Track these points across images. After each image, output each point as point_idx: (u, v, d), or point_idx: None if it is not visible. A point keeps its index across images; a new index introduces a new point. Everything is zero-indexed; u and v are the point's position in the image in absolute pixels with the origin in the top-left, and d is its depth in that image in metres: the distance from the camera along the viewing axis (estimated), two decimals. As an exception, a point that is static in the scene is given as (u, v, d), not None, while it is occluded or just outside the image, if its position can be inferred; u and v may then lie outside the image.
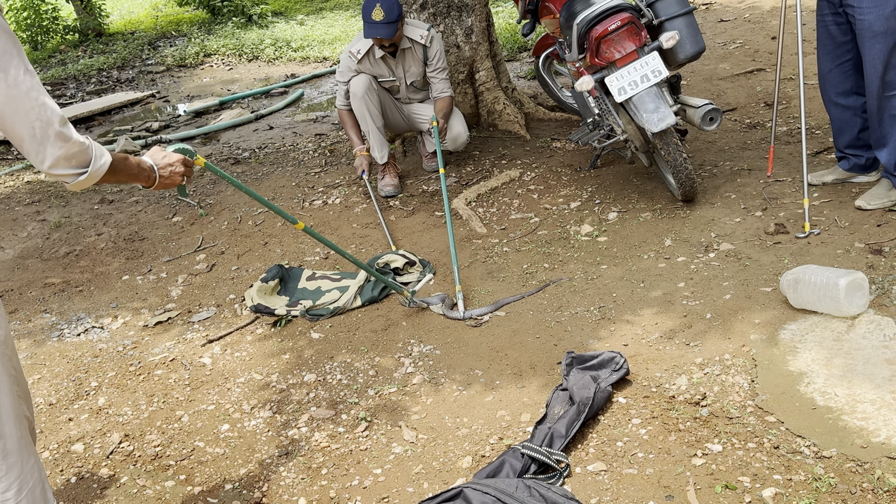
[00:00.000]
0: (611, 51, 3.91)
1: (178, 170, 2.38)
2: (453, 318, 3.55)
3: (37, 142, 1.87)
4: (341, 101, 5.05)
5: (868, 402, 2.56)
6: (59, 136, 1.90)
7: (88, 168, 1.99)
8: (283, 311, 3.78)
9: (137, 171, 2.24)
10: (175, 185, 2.41)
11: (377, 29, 4.59)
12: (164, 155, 2.37)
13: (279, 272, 4.02)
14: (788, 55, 6.34)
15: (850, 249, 3.48)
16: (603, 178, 4.75)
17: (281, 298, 3.91)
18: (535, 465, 2.49)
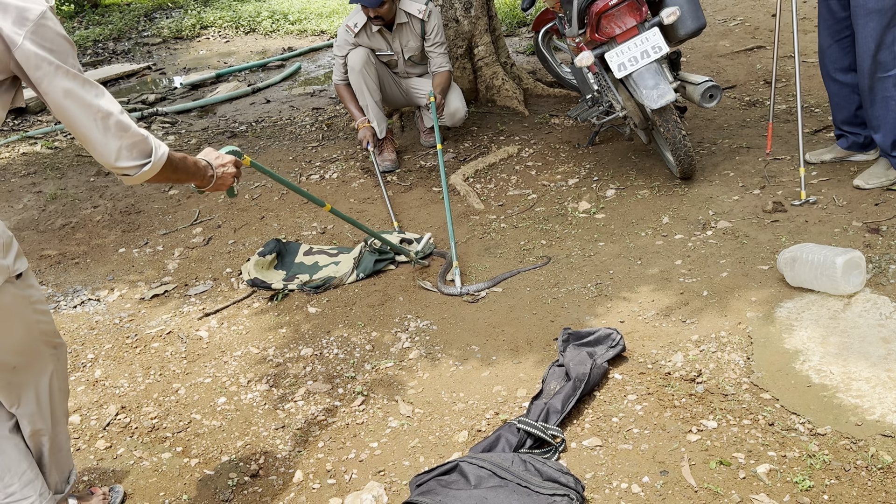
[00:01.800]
0: (611, 26, 3.89)
1: (230, 170, 2.39)
2: (449, 293, 3.55)
3: (101, 134, 1.90)
4: (339, 76, 5.02)
5: (863, 380, 2.57)
6: (118, 125, 1.92)
7: (151, 158, 2.00)
8: (279, 286, 3.78)
9: (195, 170, 2.25)
10: (228, 187, 2.42)
11: None
12: (216, 155, 2.39)
13: (276, 246, 4.02)
14: (788, 33, 6.31)
15: (848, 228, 3.48)
16: (601, 154, 4.74)
17: (278, 273, 3.91)
18: (530, 439, 2.50)
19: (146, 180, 2.04)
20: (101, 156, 1.94)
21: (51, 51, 1.82)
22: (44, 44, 1.80)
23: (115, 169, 1.98)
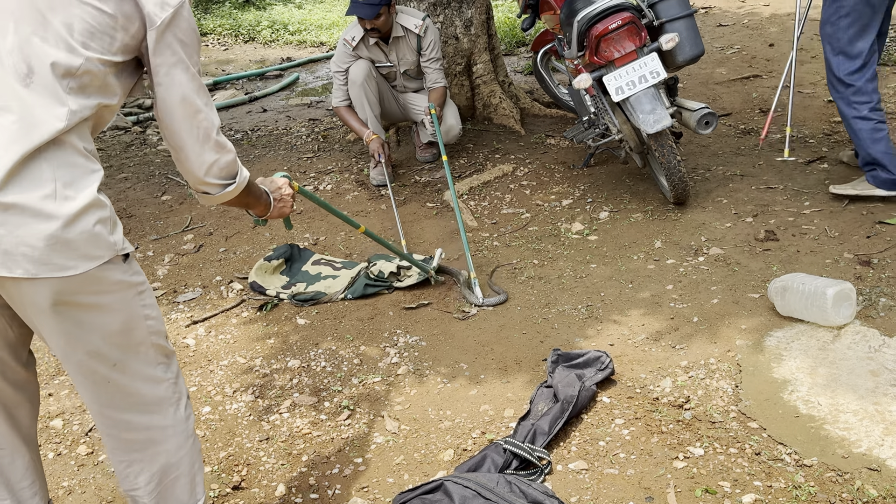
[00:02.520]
0: (610, 50, 3.90)
1: (287, 192, 2.32)
2: (472, 302, 3.56)
3: (198, 145, 1.84)
4: (339, 99, 4.96)
5: (851, 413, 2.57)
6: (217, 143, 1.87)
7: (236, 179, 1.95)
8: (273, 293, 3.77)
9: (259, 194, 2.18)
10: (287, 213, 2.34)
11: (358, 7, 4.58)
12: (271, 180, 2.31)
13: (287, 252, 4.02)
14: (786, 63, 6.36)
15: (839, 259, 3.49)
16: (596, 176, 4.75)
17: (280, 279, 3.91)
18: (516, 460, 2.48)
19: (219, 203, 1.98)
20: (190, 166, 1.87)
21: (181, 42, 1.78)
22: (176, 33, 1.76)
23: (200, 184, 1.90)
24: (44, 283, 1.67)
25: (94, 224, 1.71)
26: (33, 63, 1.65)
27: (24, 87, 1.64)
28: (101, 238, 1.73)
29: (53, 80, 1.66)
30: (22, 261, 1.63)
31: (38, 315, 1.73)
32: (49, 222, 1.64)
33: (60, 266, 1.66)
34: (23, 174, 1.62)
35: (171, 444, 1.97)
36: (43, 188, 1.64)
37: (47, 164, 1.65)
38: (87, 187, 1.71)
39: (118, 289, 1.79)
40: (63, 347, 1.78)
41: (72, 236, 1.66)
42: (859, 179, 3.95)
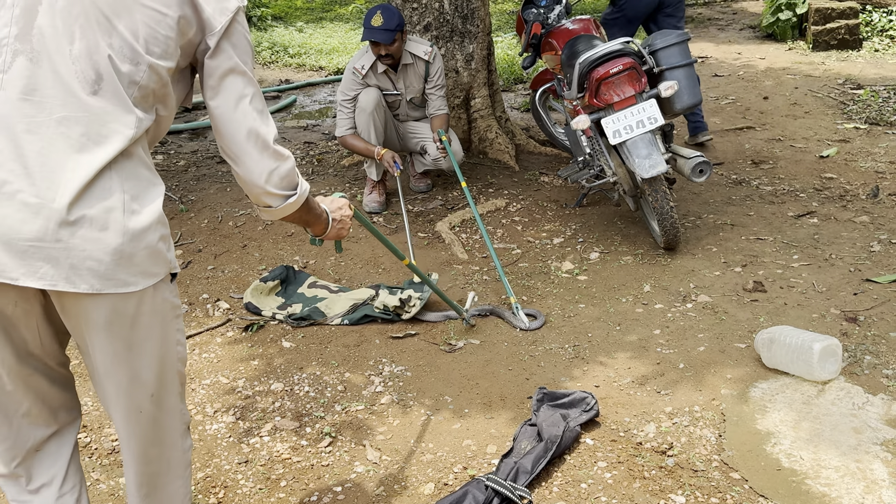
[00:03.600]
0: (610, 93, 3.95)
1: (347, 213, 2.24)
2: (518, 327, 3.59)
3: (257, 152, 1.79)
4: (345, 127, 4.92)
5: (832, 469, 2.58)
6: (275, 152, 1.82)
7: (297, 191, 1.89)
8: (268, 314, 3.77)
9: (319, 212, 2.12)
10: (343, 236, 2.26)
11: (374, 33, 4.60)
12: (331, 199, 2.24)
13: (283, 273, 4.01)
14: (779, 116, 6.45)
15: (826, 315, 3.51)
16: (588, 217, 4.77)
17: (275, 300, 3.89)
18: (497, 498, 2.47)
19: (281, 218, 1.92)
20: (250, 176, 1.82)
21: (236, 48, 1.76)
22: (231, 39, 1.75)
23: (263, 195, 1.85)
24: (104, 298, 1.64)
25: (158, 240, 1.69)
26: (101, 69, 1.61)
27: (91, 95, 1.61)
28: (161, 255, 1.71)
29: (121, 87, 1.63)
30: (87, 276, 1.60)
31: (91, 332, 1.70)
32: (116, 236, 1.61)
33: (123, 282, 1.64)
34: (93, 186, 1.60)
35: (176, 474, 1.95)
36: (111, 201, 1.61)
37: (117, 175, 1.63)
38: (153, 202, 1.69)
39: (164, 309, 1.77)
40: (108, 368, 1.75)
41: (136, 251, 1.64)
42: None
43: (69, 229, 1.57)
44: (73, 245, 1.58)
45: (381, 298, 3.75)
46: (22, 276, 1.58)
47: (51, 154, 1.58)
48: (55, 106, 1.59)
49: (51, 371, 1.86)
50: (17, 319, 1.71)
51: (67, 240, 1.57)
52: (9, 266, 1.57)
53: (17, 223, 1.56)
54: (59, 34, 1.60)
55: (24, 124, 1.58)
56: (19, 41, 1.60)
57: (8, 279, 1.58)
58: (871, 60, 8.14)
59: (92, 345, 1.72)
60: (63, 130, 1.59)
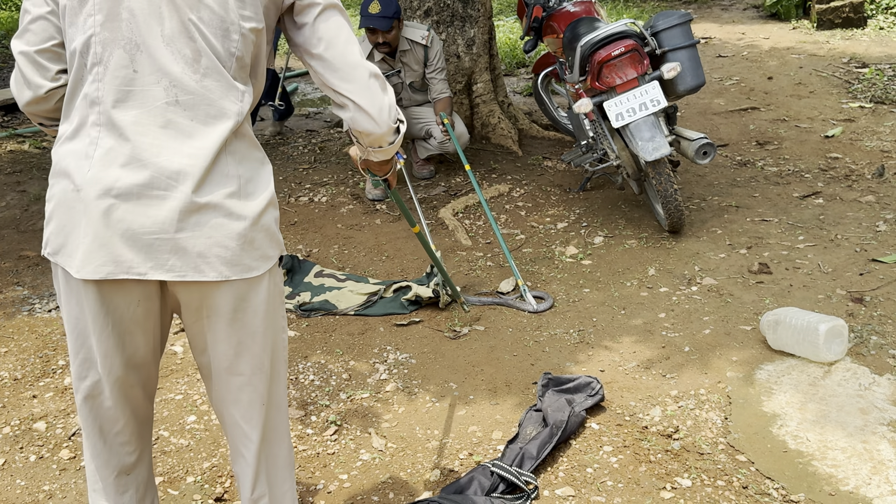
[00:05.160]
0: (612, 76, 3.92)
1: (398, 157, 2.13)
2: (526, 310, 3.58)
3: (380, 89, 1.71)
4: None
5: (839, 450, 2.57)
6: (387, 85, 1.75)
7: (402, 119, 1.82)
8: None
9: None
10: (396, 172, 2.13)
11: (372, 20, 4.59)
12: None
13: (288, 263, 4.00)
14: (784, 97, 6.41)
15: (832, 296, 3.49)
16: (591, 201, 4.75)
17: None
18: (503, 484, 2.47)
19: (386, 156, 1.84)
20: (379, 114, 1.71)
21: None
22: None
23: (387, 132, 1.75)
24: (230, 286, 1.62)
25: (273, 222, 1.68)
26: (198, 46, 1.56)
27: (193, 75, 1.56)
28: (276, 236, 1.70)
29: (219, 62, 1.58)
30: (216, 262, 1.59)
31: (216, 323, 1.67)
32: (240, 221, 1.59)
33: (248, 267, 1.63)
34: (213, 172, 1.57)
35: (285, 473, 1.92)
36: (229, 185, 1.59)
37: (232, 158, 1.60)
38: (267, 184, 1.67)
39: (275, 292, 1.75)
40: (232, 361, 1.72)
41: (257, 235, 1.63)
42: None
43: (194, 217, 1.55)
44: (200, 233, 1.56)
45: (414, 290, 3.70)
46: (150, 269, 1.56)
47: (164, 144, 1.55)
48: (159, 93, 1.55)
49: (149, 382, 1.83)
50: (137, 322, 1.67)
51: (193, 228, 1.55)
52: (135, 261, 1.55)
53: (139, 217, 1.54)
54: (148, 16, 1.55)
55: (132, 117, 1.55)
56: (107, 30, 1.55)
57: (136, 275, 1.56)
58: (875, 38, 8.07)
59: (215, 338, 1.70)
60: (171, 118, 1.55)
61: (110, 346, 1.67)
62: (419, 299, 3.66)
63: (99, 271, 1.56)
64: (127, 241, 1.54)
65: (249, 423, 1.80)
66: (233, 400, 1.78)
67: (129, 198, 1.53)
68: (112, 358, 1.69)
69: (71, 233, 1.58)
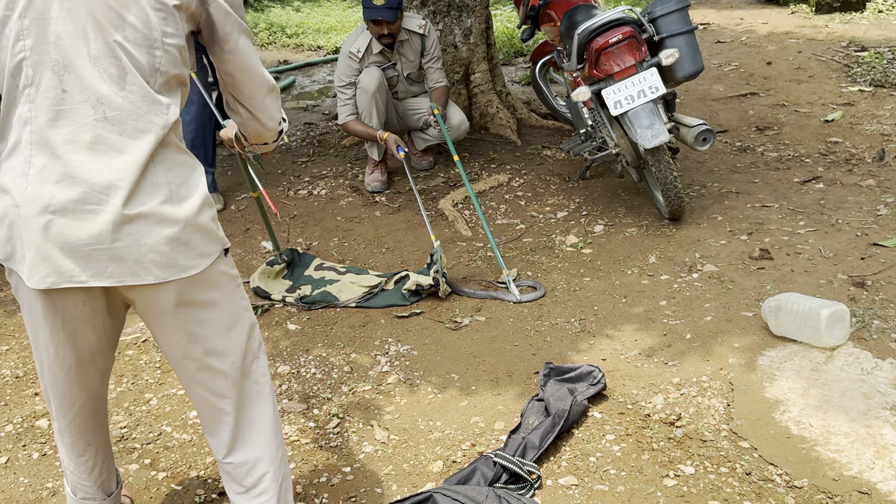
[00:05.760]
0: (610, 63, 3.90)
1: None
2: (509, 300, 3.58)
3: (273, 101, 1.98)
4: (347, 114, 4.85)
5: (842, 435, 2.56)
6: (279, 95, 2.01)
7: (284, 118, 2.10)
8: (278, 297, 3.77)
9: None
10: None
11: (378, 12, 4.54)
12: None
13: (290, 256, 4.00)
14: (783, 82, 6.39)
15: (833, 280, 3.49)
16: (591, 189, 4.74)
17: (283, 283, 3.88)
18: (506, 474, 2.46)
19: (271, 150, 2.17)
20: (270, 123, 2.00)
21: (233, 5, 1.82)
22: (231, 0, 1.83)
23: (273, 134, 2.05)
24: (169, 285, 1.73)
25: (209, 221, 1.78)
26: (123, 64, 1.65)
27: (121, 91, 1.65)
28: (213, 234, 1.80)
29: (143, 78, 1.67)
30: (152, 267, 1.69)
31: (163, 319, 1.79)
32: (172, 227, 1.69)
33: (184, 267, 1.73)
34: (142, 183, 1.67)
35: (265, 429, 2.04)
36: (160, 194, 1.68)
37: (160, 167, 1.70)
38: (198, 186, 1.77)
39: (225, 282, 1.86)
40: (185, 349, 1.85)
41: (192, 237, 1.73)
42: None
43: (127, 227, 1.65)
44: (134, 241, 1.66)
45: (413, 279, 3.69)
46: (91, 277, 1.66)
47: (94, 160, 1.64)
48: (87, 111, 1.64)
49: (105, 369, 1.99)
50: (85, 320, 1.80)
51: (127, 238, 1.65)
52: (76, 271, 1.65)
53: (76, 231, 1.64)
54: (75, 38, 1.63)
55: (63, 136, 1.64)
56: (37, 53, 1.64)
57: (78, 283, 1.66)
58: (874, 22, 8.04)
59: (165, 331, 1.83)
60: (100, 134, 1.64)
61: (61, 340, 1.82)
62: (420, 288, 3.65)
63: (44, 282, 1.67)
64: (66, 253, 1.65)
65: (217, 397, 1.94)
66: (194, 380, 1.92)
67: (66, 213, 1.63)
68: (64, 350, 1.84)
69: (17, 243, 1.70)
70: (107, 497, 2.22)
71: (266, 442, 2.01)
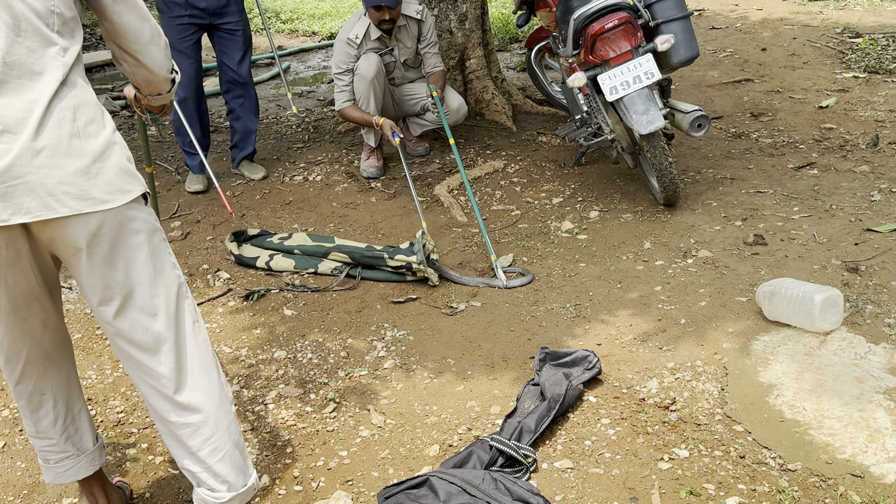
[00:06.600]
0: (606, 49, 3.90)
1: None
2: (495, 286, 3.60)
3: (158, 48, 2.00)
4: (343, 100, 4.84)
5: (835, 419, 2.58)
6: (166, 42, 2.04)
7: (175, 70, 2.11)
8: (262, 264, 3.89)
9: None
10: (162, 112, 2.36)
11: None
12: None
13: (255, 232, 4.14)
14: (777, 68, 6.39)
15: (827, 266, 3.50)
16: (586, 175, 4.75)
17: (259, 250, 3.99)
18: (502, 458, 2.48)
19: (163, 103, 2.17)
20: (155, 65, 2.01)
21: None
22: None
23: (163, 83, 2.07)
24: (84, 218, 1.78)
25: (124, 160, 1.85)
26: (18, 11, 1.72)
27: (17, 37, 1.72)
28: (132, 172, 1.87)
29: (38, 22, 1.75)
30: (66, 199, 1.74)
31: (78, 255, 1.83)
32: (81, 158, 1.76)
33: (99, 200, 1.79)
34: (48, 118, 1.73)
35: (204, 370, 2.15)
36: (66, 128, 1.75)
37: (65, 103, 1.77)
38: (106, 125, 1.84)
39: (146, 228, 1.91)
40: (101, 290, 1.89)
41: (103, 170, 1.79)
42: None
43: (37, 160, 1.71)
44: (45, 174, 1.72)
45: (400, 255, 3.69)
46: (11, 215, 1.71)
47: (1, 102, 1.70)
48: None
49: (47, 315, 2.02)
50: (12, 262, 1.83)
51: (37, 171, 1.71)
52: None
53: None
54: None
55: None
56: None
57: (1, 222, 1.71)
58: (869, 8, 8.04)
59: (81, 270, 1.87)
60: (2, 78, 1.70)
61: None
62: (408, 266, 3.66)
63: None
64: None
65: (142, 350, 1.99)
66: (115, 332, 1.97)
67: None
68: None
69: None
70: (81, 454, 2.23)
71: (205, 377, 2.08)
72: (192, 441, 2.07)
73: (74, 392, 2.21)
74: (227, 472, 2.10)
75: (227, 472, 2.10)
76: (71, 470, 2.23)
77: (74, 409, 2.21)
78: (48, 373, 2.11)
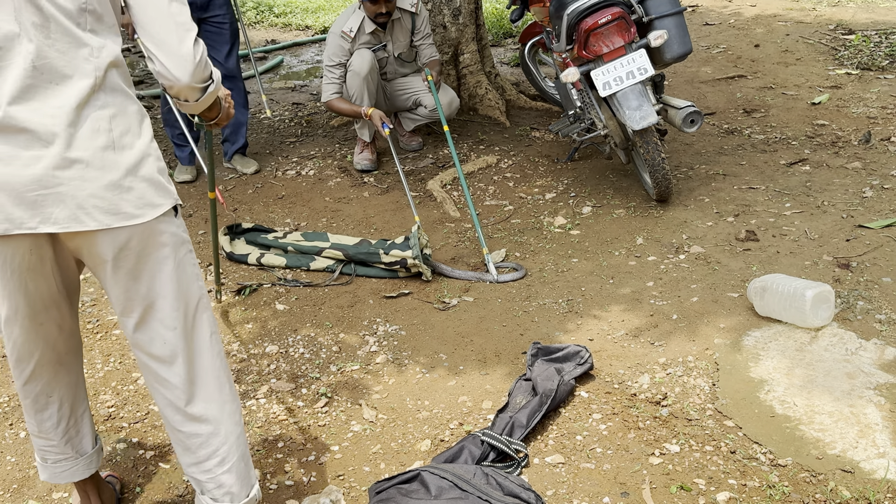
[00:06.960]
0: (599, 44, 3.90)
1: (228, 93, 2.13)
2: (488, 280, 3.61)
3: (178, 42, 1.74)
4: (331, 92, 4.80)
5: (826, 415, 2.59)
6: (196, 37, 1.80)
7: (213, 78, 1.86)
8: (253, 260, 3.89)
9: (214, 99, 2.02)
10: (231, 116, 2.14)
11: None
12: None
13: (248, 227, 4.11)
14: (770, 64, 6.40)
15: (818, 262, 3.51)
16: (579, 171, 4.75)
17: (250, 247, 3.99)
18: (493, 452, 2.48)
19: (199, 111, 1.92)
20: (176, 67, 1.75)
21: None
22: None
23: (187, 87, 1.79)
24: (113, 233, 1.74)
25: (156, 172, 1.78)
26: (47, 12, 1.65)
27: (46, 39, 1.65)
28: (163, 186, 1.80)
29: (67, 21, 1.67)
30: (95, 212, 1.70)
31: (103, 267, 1.81)
32: (113, 172, 1.70)
33: (129, 214, 1.74)
34: (80, 128, 1.67)
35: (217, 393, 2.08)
36: (100, 139, 1.69)
37: (100, 112, 1.70)
38: (143, 135, 1.77)
39: (173, 242, 1.86)
40: (123, 302, 1.86)
41: (136, 184, 1.73)
42: None
43: (68, 171, 1.66)
44: (76, 186, 1.67)
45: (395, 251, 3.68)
46: (39, 224, 1.68)
47: (29, 107, 1.64)
48: (19, 62, 1.64)
49: (63, 320, 1.99)
50: (33, 269, 1.81)
51: (69, 182, 1.66)
52: (23, 217, 1.67)
53: (20, 178, 1.64)
54: None
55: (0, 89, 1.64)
56: None
57: (27, 229, 1.68)
58: (862, 5, 8.05)
59: (107, 283, 1.85)
60: (31, 83, 1.64)
61: (12, 288, 1.83)
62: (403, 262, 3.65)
63: None
64: (14, 200, 1.66)
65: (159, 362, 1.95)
66: (134, 343, 1.94)
67: (11, 161, 1.64)
68: (16, 299, 1.85)
69: None
70: (80, 456, 2.22)
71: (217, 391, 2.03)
72: (201, 451, 2.04)
73: (80, 394, 2.19)
74: (232, 482, 2.07)
75: (231, 483, 2.07)
76: (67, 472, 2.21)
77: (78, 412, 2.19)
78: (58, 376, 2.09)
